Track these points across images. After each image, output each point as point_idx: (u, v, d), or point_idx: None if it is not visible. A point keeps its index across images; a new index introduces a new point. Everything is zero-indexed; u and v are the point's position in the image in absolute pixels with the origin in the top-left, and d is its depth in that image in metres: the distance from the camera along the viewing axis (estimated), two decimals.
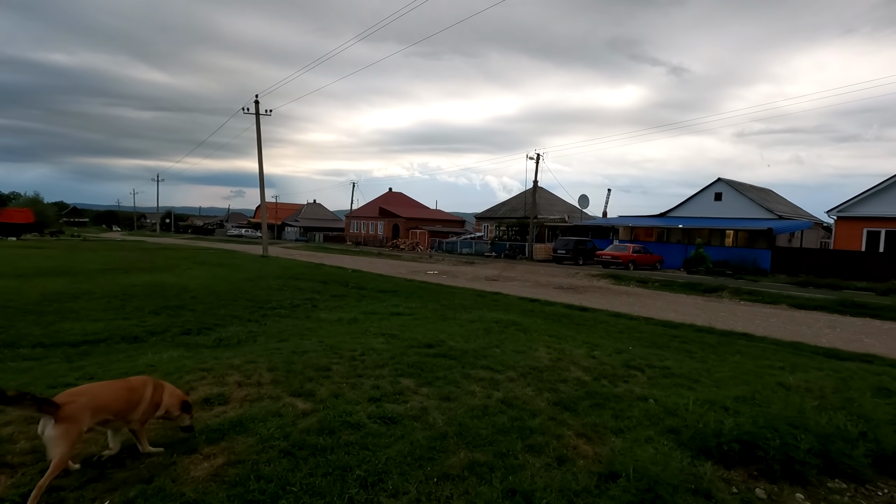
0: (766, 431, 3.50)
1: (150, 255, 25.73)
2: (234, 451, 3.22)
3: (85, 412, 2.80)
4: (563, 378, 5.30)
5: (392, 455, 3.25)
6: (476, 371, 5.34)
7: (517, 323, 8.86)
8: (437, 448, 3.41)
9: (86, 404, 2.82)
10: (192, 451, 3.23)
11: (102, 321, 8.29)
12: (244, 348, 6.22)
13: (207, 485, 2.83)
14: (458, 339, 7.01)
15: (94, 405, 2.86)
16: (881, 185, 24.28)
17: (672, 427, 3.94)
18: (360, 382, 4.79)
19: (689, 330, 9.97)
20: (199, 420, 3.75)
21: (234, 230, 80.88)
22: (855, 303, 14.50)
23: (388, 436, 3.57)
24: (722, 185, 33.61)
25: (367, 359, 5.69)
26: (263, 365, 5.28)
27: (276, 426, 3.60)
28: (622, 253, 27.70)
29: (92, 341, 6.94)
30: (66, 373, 5.08)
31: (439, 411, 4.11)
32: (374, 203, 63.51)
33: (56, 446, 2.65)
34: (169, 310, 9.69)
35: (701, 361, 6.76)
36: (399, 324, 8.42)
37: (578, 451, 3.52)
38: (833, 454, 3.41)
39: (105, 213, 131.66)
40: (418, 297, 12.84)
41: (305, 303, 11.31)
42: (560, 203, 49.49)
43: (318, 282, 15.76)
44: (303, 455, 3.20)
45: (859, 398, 4.48)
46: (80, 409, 2.77)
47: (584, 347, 7.01)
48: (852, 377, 6.06)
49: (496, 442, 3.56)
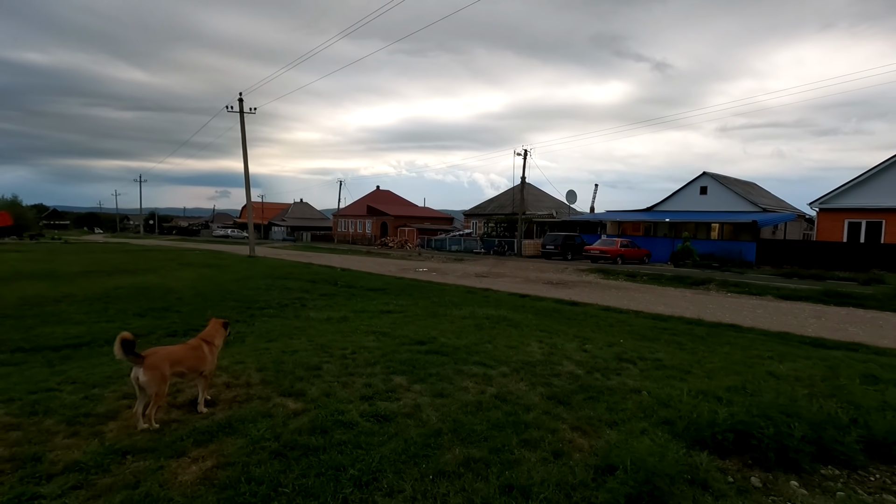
0: (759, 420, 3.51)
1: (134, 257, 25.27)
2: (224, 454, 3.14)
3: (164, 362, 3.66)
4: (555, 372, 5.28)
5: (386, 453, 3.19)
6: (468, 367, 5.30)
7: (508, 318, 8.85)
8: (431, 445, 3.36)
9: (164, 356, 3.71)
10: (180, 455, 3.14)
11: (85, 324, 8.08)
12: (232, 349, 6.10)
13: (196, 488, 2.75)
14: (449, 335, 6.96)
15: (171, 358, 3.75)
16: (861, 176, 24.73)
17: (666, 418, 3.94)
18: (352, 381, 4.72)
19: (679, 322, 10.04)
20: (186, 423, 3.66)
21: (220, 231, 79.84)
22: (838, 293, 14.74)
23: (382, 434, 3.51)
24: (707, 179, 33.99)
25: (358, 357, 5.62)
26: (252, 365, 5.19)
27: (267, 427, 3.52)
28: (610, 248, 27.86)
29: (74, 345, 6.76)
30: (46, 377, 4.93)
31: (433, 408, 4.07)
32: (362, 201, 63.14)
33: (149, 387, 3.54)
34: (154, 312, 9.49)
35: (691, 353, 6.80)
36: (389, 321, 8.35)
37: (574, 445, 3.50)
38: (826, 441, 3.43)
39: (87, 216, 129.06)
40: (408, 295, 12.77)
41: (294, 302, 11.17)
42: (548, 199, 49.67)
43: (307, 281, 15.60)
44: (294, 455, 3.13)
45: (849, 385, 4.53)
46: (160, 359, 3.66)
47: (576, 341, 7.01)
48: (839, 365, 6.14)
49: (491, 437, 3.53)
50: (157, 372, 3.60)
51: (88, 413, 3.84)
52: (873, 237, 24.12)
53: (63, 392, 4.40)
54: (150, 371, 3.56)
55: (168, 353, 3.80)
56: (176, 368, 3.80)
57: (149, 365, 3.57)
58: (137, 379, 3.56)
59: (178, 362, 3.82)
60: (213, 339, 4.20)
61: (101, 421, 3.71)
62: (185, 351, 3.98)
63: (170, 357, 3.76)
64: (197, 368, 3.96)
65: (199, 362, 3.97)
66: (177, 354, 3.87)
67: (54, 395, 4.31)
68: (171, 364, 3.74)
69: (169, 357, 3.75)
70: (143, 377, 3.54)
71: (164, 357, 3.71)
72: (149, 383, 3.55)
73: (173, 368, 3.76)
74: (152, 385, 3.56)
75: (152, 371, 3.57)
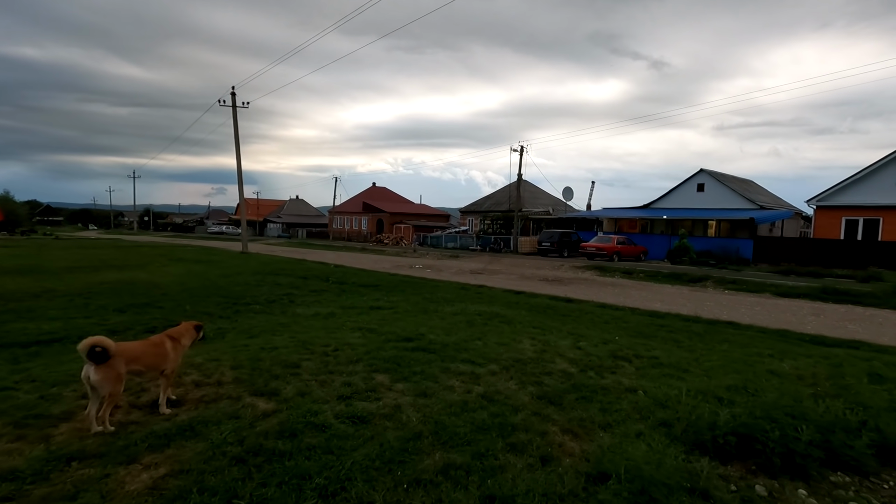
0: (764, 423, 3.26)
1: (124, 253, 24.86)
2: (180, 460, 2.87)
3: (119, 359, 3.37)
4: (547, 370, 5.02)
5: (358, 459, 2.92)
6: (456, 365, 5.04)
7: (501, 315, 8.58)
8: (409, 450, 3.10)
9: (119, 353, 3.39)
10: (131, 461, 2.86)
11: (60, 320, 7.76)
12: (210, 346, 5.81)
13: (142, 500, 2.47)
14: (438, 332, 6.69)
15: (127, 355, 3.46)
16: (859, 174, 24.57)
17: (663, 420, 3.69)
18: (331, 379, 4.45)
19: (676, 319, 9.80)
20: (145, 425, 3.38)
21: (215, 227, 79.28)
22: (837, 290, 14.55)
23: (356, 437, 3.24)
24: (704, 176, 33.79)
25: (341, 354, 5.35)
26: (227, 363, 4.91)
27: (231, 430, 3.25)
28: (607, 245, 27.63)
29: (45, 341, 6.44)
30: (6, 375, 4.63)
31: (414, 408, 3.80)
32: (358, 198, 62.71)
33: (102, 387, 3.26)
34: (135, 307, 9.17)
35: (689, 351, 6.56)
36: (378, 318, 8.08)
37: (564, 449, 3.24)
38: (835, 445, 3.18)
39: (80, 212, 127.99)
40: (400, 291, 12.48)
41: (282, 298, 10.86)
42: (544, 196, 49.42)
43: (298, 277, 15.29)
44: (257, 462, 2.85)
45: (856, 385, 4.28)
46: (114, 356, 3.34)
47: (570, 338, 6.75)
48: (842, 363, 5.90)
49: (475, 441, 3.26)
50: (111, 371, 3.30)
51: (41, 414, 3.55)
52: (870, 235, 23.97)
53: (20, 391, 4.11)
54: (103, 369, 3.26)
55: (123, 349, 3.49)
56: (132, 366, 3.51)
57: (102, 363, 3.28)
58: (89, 378, 3.25)
59: (135, 359, 3.54)
60: (181, 337, 3.91)
61: (53, 423, 3.42)
62: (144, 347, 3.69)
63: (126, 354, 3.46)
64: (157, 366, 3.67)
65: (160, 360, 3.67)
66: (133, 351, 3.58)
67: (9, 394, 4.01)
68: (127, 361, 3.44)
69: (125, 354, 3.45)
70: (96, 376, 3.24)
71: (119, 354, 3.40)
72: (102, 383, 3.25)
73: (129, 367, 3.47)
74: (105, 385, 3.27)
75: (106, 369, 3.28)
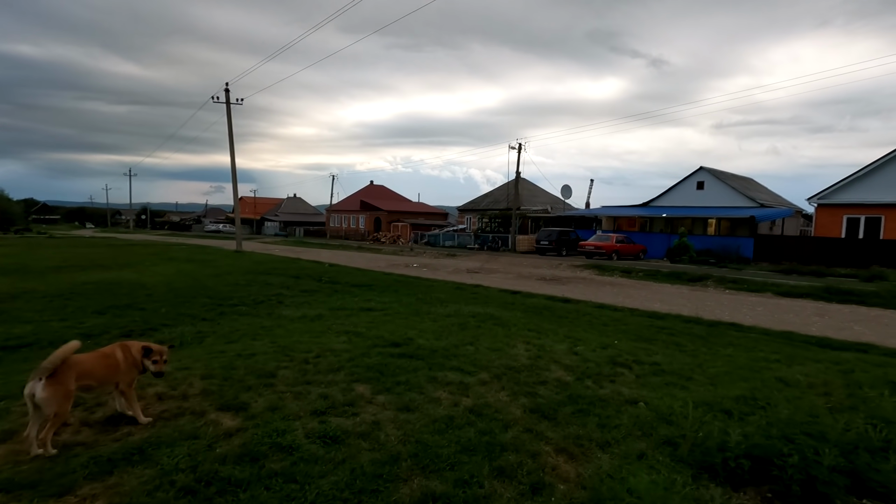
0: (780, 443, 2.93)
1: (116, 252, 24.49)
2: (121, 490, 2.53)
3: (69, 374, 3.04)
4: (542, 379, 4.69)
5: (325, 489, 2.59)
6: (444, 373, 4.70)
7: (495, 317, 8.25)
8: (384, 476, 2.76)
9: (69, 366, 3.05)
10: (65, 492, 2.52)
11: (33, 323, 7.43)
12: (184, 352, 5.48)
13: None
14: (428, 335, 6.35)
15: (78, 369, 3.12)
16: (861, 172, 24.25)
17: (667, 438, 3.36)
18: (307, 391, 4.10)
19: (677, 321, 9.48)
20: (91, 446, 3.03)
21: (212, 226, 78.78)
22: (840, 290, 14.24)
23: (327, 461, 2.90)
24: (704, 174, 33.44)
25: (322, 361, 5.00)
26: (198, 372, 4.55)
27: (186, 453, 2.90)
28: (605, 243, 27.31)
29: (12, 346, 6.12)
30: None
31: (394, 425, 3.46)
32: (356, 196, 62.25)
33: (48, 406, 2.92)
34: (116, 309, 8.84)
35: (692, 355, 6.23)
36: (367, 320, 7.73)
37: (558, 473, 2.91)
38: (859, 469, 2.86)
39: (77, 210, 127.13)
40: (393, 291, 12.15)
41: (271, 299, 10.53)
42: (543, 194, 49.03)
43: (290, 276, 14.95)
44: (209, 493, 2.51)
45: (875, 397, 3.95)
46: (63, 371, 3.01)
47: (567, 342, 6.42)
48: (854, 370, 5.58)
49: (459, 464, 2.93)
50: (60, 387, 2.95)
51: None
52: (872, 233, 23.67)
53: None
54: (51, 386, 2.92)
55: (73, 362, 3.12)
56: (83, 381, 3.16)
57: (51, 379, 2.93)
58: (33, 396, 2.90)
59: (87, 374, 3.18)
60: (131, 347, 3.54)
61: None
62: (95, 360, 3.31)
63: (76, 368, 3.11)
64: (108, 380, 3.32)
65: (111, 372, 3.32)
66: (85, 364, 3.20)
67: None
68: (77, 377, 3.09)
69: (75, 368, 3.10)
70: (43, 393, 2.89)
71: (69, 368, 3.05)
72: (48, 401, 2.90)
73: (80, 382, 3.12)
74: (52, 403, 2.91)
75: (54, 386, 2.93)
